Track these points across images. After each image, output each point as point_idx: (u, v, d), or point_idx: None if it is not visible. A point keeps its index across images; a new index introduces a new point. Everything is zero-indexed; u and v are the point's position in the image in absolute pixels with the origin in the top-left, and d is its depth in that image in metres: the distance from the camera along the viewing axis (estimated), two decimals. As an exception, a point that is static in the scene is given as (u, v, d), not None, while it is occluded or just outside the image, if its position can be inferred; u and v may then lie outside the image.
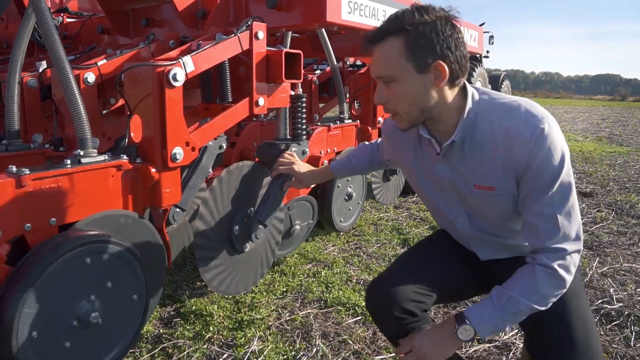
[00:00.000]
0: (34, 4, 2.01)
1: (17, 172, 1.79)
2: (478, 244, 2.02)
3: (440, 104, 1.71)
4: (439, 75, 1.65)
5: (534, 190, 1.66)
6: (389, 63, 1.67)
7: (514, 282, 1.72)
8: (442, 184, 1.90)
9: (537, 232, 1.68)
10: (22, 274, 1.74)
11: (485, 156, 1.73)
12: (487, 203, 1.82)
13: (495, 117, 1.69)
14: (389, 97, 1.72)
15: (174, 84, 2.07)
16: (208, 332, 2.82)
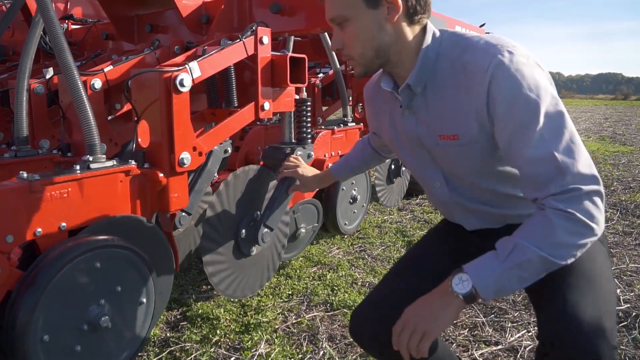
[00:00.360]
0: (43, 13, 2.03)
1: (28, 178, 1.81)
2: (460, 213, 1.79)
3: (397, 43, 1.55)
4: (392, 8, 1.49)
5: (514, 133, 1.38)
6: (338, 2, 1.54)
7: (522, 229, 1.41)
8: (410, 141, 1.71)
9: (537, 182, 1.37)
10: (34, 278, 1.76)
11: (445, 99, 1.54)
12: (454, 156, 1.60)
13: (455, 54, 1.50)
14: (344, 40, 1.58)
15: (181, 90, 2.09)
16: (215, 335, 2.84)
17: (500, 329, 2.92)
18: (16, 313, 1.73)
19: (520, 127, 1.35)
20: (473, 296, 1.37)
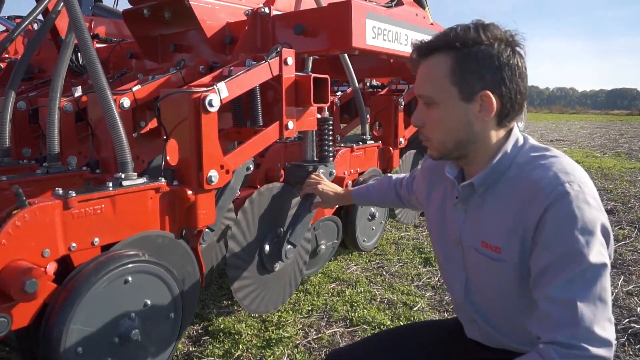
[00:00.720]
0: (78, 34, 2.12)
1: (64, 194, 1.88)
2: (466, 319, 1.72)
3: (479, 142, 1.47)
4: (485, 107, 1.42)
5: (549, 266, 1.30)
6: (431, 83, 1.46)
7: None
8: (451, 234, 1.64)
9: (548, 322, 1.28)
10: (69, 291, 1.82)
11: (501, 208, 1.45)
12: (486, 268, 1.51)
13: (527, 169, 1.41)
14: (426, 120, 1.51)
15: (210, 110, 2.16)
16: (237, 349, 2.89)
17: None
18: (52, 326, 1.79)
19: (556, 263, 1.28)
20: None
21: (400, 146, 4.33)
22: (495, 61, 1.39)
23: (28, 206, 1.78)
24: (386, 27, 3.00)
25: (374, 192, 2.38)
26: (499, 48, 1.39)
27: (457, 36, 1.40)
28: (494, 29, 1.41)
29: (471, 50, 1.39)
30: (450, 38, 1.41)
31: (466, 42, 1.39)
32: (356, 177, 3.81)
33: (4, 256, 1.72)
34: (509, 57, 1.40)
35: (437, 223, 1.72)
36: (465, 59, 1.39)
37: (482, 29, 1.40)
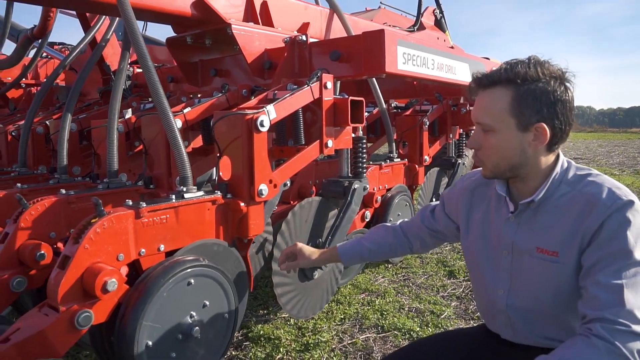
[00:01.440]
0: (143, 63, 2.36)
1: (135, 205, 2.12)
2: (502, 323, 1.89)
3: (530, 166, 1.69)
4: (539, 136, 1.62)
5: (602, 258, 1.53)
6: (491, 113, 1.66)
7: (563, 349, 1.53)
8: (501, 245, 1.83)
9: (596, 302, 1.50)
10: (141, 292, 2.05)
11: (557, 219, 1.67)
12: (542, 271, 1.70)
13: (579, 186, 1.64)
14: (482, 144, 1.71)
15: (261, 129, 2.39)
16: (278, 353, 3.09)
17: None
18: (127, 322, 2.02)
19: (608, 257, 1.51)
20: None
21: (425, 164, 4.55)
22: (550, 97, 1.59)
23: (106, 215, 2.02)
24: (415, 53, 3.24)
25: (371, 242, 2.32)
26: (554, 85, 1.60)
27: (518, 72, 1.61)
28: (549, 66, 1.62)
29: (530, 86, 1.60)
30: (512, 73, 1.62)
31: (525, 78, 1.60)
32: (384, 193, 4.03)
33: (87, 259, 1.96)
34: (562, 94, 1.61)
35: (480, 237, 1.92)
36: (525, 94, 1.60)
37: (539, 66, 1.61)
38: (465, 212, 1.99)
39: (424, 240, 2.24)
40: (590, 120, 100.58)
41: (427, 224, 2.21)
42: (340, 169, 3.21)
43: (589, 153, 18.18)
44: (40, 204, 2.42)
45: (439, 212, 2.18)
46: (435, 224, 2.18)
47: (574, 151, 19.24)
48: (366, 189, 3.16)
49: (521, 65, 1.63)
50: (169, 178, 2.81)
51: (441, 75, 3.64)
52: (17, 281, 2.31)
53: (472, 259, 1.99)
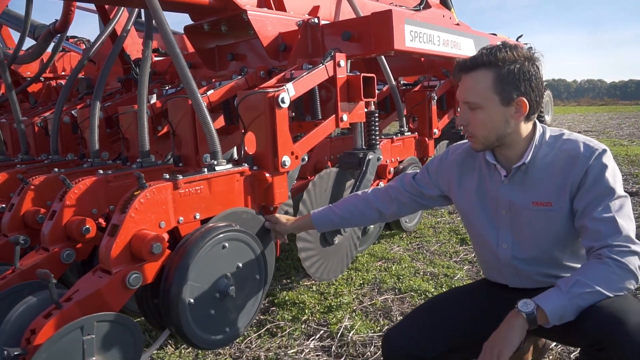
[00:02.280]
0: (170, 50, 2.57)
1: (173, 177, 2.34)
2: (509, 273, 2.13)
3: (514, 134, 1.96)
4: (519, 109, 1.91)
5: (592, 200, 1.84)
6: (477, 92, 1.92)
7: (581, 270, 1.84)
8: (499, 206, 2.09)
9: (599, 235, 1.82)
10: (182, 255, 2.28)
11: (546, 176, 1.96)
12: (540, 221, 1.99)
13: (557, 144, 1.97)
14: (470, 120, 1.97)
15: (282, 106, 2.61)
16: (304, 315, 3.33)
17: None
18: (170, 282, 2.25)
19: (597, 197, 1.84)
20: (535, 317, 1.75)
21: (435, 137, 4.75)
22: (527, 74, 1.89)
23: (147, 187, 2.25)
24: (421, 31, 3.44)
25: (342, 210, 2.53)
26: (528, 65, 1.90)
27: (497, 55, 1.89)
28: (521, 50, 1.93)
29: (509, 67, 1.88)
30: (492, 57, 1.89)
31: (505, 60, 1.88)
32: (396, 165, 4.23)
33: (134, 226, 2.19)
34: (535, 71, 1.91)
35: (477, 202, 2.17)
36: (505, 74, 1.88)
37: (514, 50, 1.90)
38: (457, 181, 2.26)
39: (402, 204, 2.46)
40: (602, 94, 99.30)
41: (408, 189, 2.43)
42: (355, 142, 3.43)
43: (599, 126, 18.23)
44: (82, 183, 2.64)
45: (421, 180, 2.42)
46: (419, 189, 2.41)
47: (584, 124, 19.29)
48: (380, 160, 3.38)
49: (499, 50, 1.91)
50: (196, 156, 3.02)
51: (447, 51, 3.84)
52: (67, 253, 2.53)
53: (472, 223, 2.24)
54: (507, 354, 1.74)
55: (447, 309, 2.24)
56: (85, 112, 3.74)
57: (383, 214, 2.50)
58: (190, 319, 2.29)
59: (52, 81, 6.49)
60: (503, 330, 1.79)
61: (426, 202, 2.45)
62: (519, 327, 1.77)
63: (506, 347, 1.75)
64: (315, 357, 2.86)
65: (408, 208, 2.51)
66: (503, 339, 1.77)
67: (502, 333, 1.79)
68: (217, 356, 2.91)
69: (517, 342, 1.76)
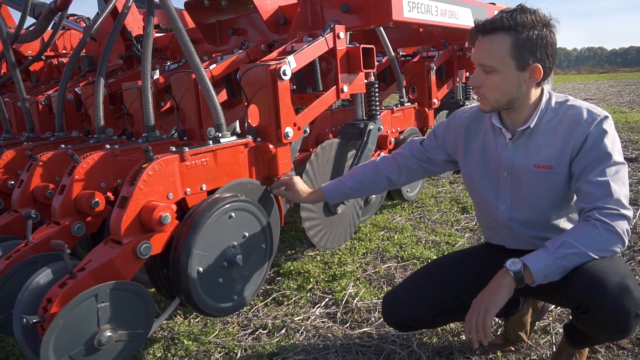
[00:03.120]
0: (174, 25, 2.61)
1: (179, 150, 2.40)
2: (507, 235, 2.22)
3: (523, 98, 2.01)
4: (533, 75, 1.94)
5: (589, 163, 1.89)
6: (494, 55, 1.93)
7: (569, 232, 1.90)
8: (500, 168, 2.14)
9: (591, 197, 1.87)
10: (190, 225, 2.34)
11: (548, 139, 2.01)
12: (540, 183, 2.05)
13: (561, 110, 2.02)
14: (484, 83, 1.99)
15: (284, 78, 2.66)
16: (309, 283, 3.42)
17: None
18: (179, 252, 2.32)
19: (594, 161, 1.90)
20: (522, 276, 1.84)
21: (434, 107, 4.80)
22: (544, 41, 1.90)
23: (155, 160, 2.31)
24: (419, 1, 3.46)
25: (353, 182, 2.59)
26: (545, 31, 1.91)
27: (516, 20, 1.89)
28: (539, 14, 1.92)
29: (528, 33, 1.89)
30: (512, 21, 1.89)
31: (524, 25, 1.89)
32: (397, 136, 4.29)
33: (143, 198, 2.25)
34: (551, 38, 1.93)
35: (480, 163, 2.24)
36: (524, 39, 1.89)
37: (533, 15, 1.90)
38: (463, 144, 2.31)
39: (410, 170, 2.52)
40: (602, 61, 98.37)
41: (416, 155, 2.49)
42: (356, 112, 3.48)
43: (599, 93, 18.19)
44: (90, 158, 2.69)
45: (429, 145, 2.47)
46: (427, 154, 2.47)
47: (584, 92, 19.25)
48: (380, 130, 3.44)
49: (519, 14, 1.90)
50: (200, 130, 3.08)
51: (444, 21, 3.86)
52: (77, 227, 2.60)
53: (473, 183, 2.31)
54: (494, 311, 1.84)
55: (442, 272, 2.34)
56: (89, 89, 3.79)
57: (392, 181, 2.55)
58: (199, 287, 2.37)
59: (53, 59, 6.51)
60: (491, 288, 1.88)
61: (434, 167, 2.51)
62: (507, 285, 1.85)
63: (493, 303, 1.84)
64: (321, 323, 2.95)
65: (416, 174, 2.57)
66: (491, 296, 1.86)
67: (490, 291, 1.88)
68: (225, 324, 2.99)
69: (504, 299, 1.85)
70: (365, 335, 2.76)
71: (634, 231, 3.95)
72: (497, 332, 2.65)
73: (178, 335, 2.86)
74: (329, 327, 2.89)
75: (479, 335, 1.85)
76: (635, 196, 4.92)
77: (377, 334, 2.76)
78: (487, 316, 1.83)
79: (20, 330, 2.02)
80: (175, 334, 2.88)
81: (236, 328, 2.94)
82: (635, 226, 4.05)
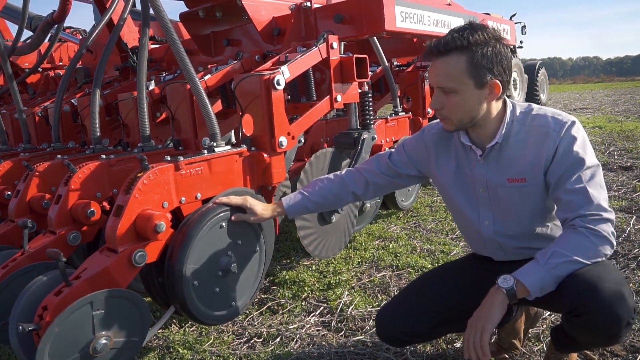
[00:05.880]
0: (169, 37, 2.64)
1: (174, 159, 2.42)
2: (493, 248, 2.22)
3: (486, 114, 2.00)
4: (492, 90, 1.93)
5: (564, 172, 1.90)
6: (451, 77, 1.92)
7: (557, 242, 1.90)
8: (476, 185, 2.14)
9: (571, 205, 1.87)
10: (184, 235, 2.36)
11: (519, 152, 2.00)
12: (516, 197, 2.05)
13: (527, 120, 2.01)
14: (445, 104, 1.98)
15: (278, 88, 2.69)
16: (304, 292, 3.44)
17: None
18: (174, 260, 2.33)
19: (569, 169, 1.90)
20: (514, 292, 1.84)
21: (428, 116, 4.83)
22: (498, 56, 1.91)
23: (150, 169, 2.33)
24: (411, 11, 3.51)
25: (314, 197, 2.46)
26: (498, 46, 1.92)
27: (469, 39, 1.88)
28: (489, 30, 1.92)
29: (482, 50, 1.89)
30: (464, 41, 1.88)
31: (477, 43, 1.88)
32: (391, 145, 4.32)
33: (138, 206, 2.27)
34: (505, 52, 1.93)
35: (455, 181, 2.23)
36: (479, 57, 1.89)
37: (484, 31, 1.90)
38: (435, 161, 2.29)
39: (378, 186, 2.48)
40: (598, 71, 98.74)
41: (384, 171, 2.44)
42: (350, 122, 3.51)
43: (595, 103, 18.29)
44: (86, 167, 2.72)
45: (398, 160, 2.43)
46: (396, 169, 2.42)
47: (579, 102, 19.37)
48: (374, 139, 3.47)
49: (470, 32, 1.89)
50: (195, 139, 3.10)
51: (437, 31, 3.91)
52: (73, 236, 2.62)
53: (452, 202, 2.32)
54: (490, 329, 1.85)
55: (434, 285, 2.35)
56: (85, 100, 3.81)
57: (358, 196, 2.51)
58: (193, 295, 2.39)
59: (50, 71, 6.54)
60: (485, 307, 1.89)
61: (403, 181, 2.50)
62: (500, 302, 1.86)
63: (488, 322, 1.85)
64: (316, 331, 2.96)
65: (384, 189, 2.57)
66: (485, 315, 1.87)
67: (484, 309, 1.89)
68: (220, 333, 3.01)
69: (498, 317, 1.86)
70: (359, 344, 2.78)
71: (628, 239, 3.97)
72: (491, 340, 2.66)
73: (173, 344, 2.87)
74: (323, 336, 2.90)
75: (477, 354, 1.85)
76: (630, 204, 4.95)
77: (372, 342, 2.78)
78: (484, 335, 1.84)
79: (16, 338, 2.03)
80: (170, 343, 2.89)
81: (231, 337, 2.96)
82: (630, 234, 4.08)
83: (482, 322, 1.86)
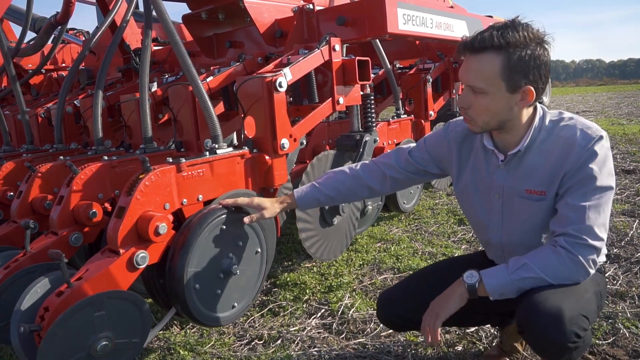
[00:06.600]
0: (171, 39, 2.65)
1: (176, 161, 2.43)
2: (496, 253, 2.21)
3: (515, 120, 1.89)
4: (525, 97, 1.82)
5: (573, 185, 1.81)
6: (483, 77, 1.80)
7: (533, 253, 1.87)
8: (492, 190, 2.06)
9: (564, 220, 1.81)
10: (185, 237, 2.36)
11: (541, 163, 1.90)
12: (532, 209, 1.96)
13: (555, 131, 1.89)
14: (473, 104, 1.87)
15: (280, 90, 2.70)
16: (305, 294, 3.43)
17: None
18: (175, 262, 2.34)
19: (578, 183, 1.82)
20: (475, 289, 1.87)
21: (431, 118, 4.84)
22: (537, 61, 1.78)
23: (152, 170, 2.34)
24: (414, 13, 3.52)
25: (326, 190, 2.41)
26: (539, 50, 1.78)
27: (508, 39, 1.75)
28: (532, 30, 1.78)
29: (520, 53, 1.76)
30: (503, 40, 1.76)
31: (516, 45, 1.76)
32: (394, 147, 4.31)
33: (139, 208, 2.28)
34: (545, 57, 1.80)
35: (472, 184, 2.16)
36: (515, 60, 1.76)
37: (525, 31, 1.77)
38: (457, 162, 2.21)
39: (397, 181, 2.40)
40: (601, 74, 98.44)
41: (404, 166, 2.36)
42: (352, 124, 3.52)
43: (598, 106, 18.26)
44: (88, 169, 2.72)
45: (419, 157, 2.34)
46: (417, 165, 2.34)
47: (582, 105, 19.33)
48: (376, 141, 3.47)
49: (510, 31, 1.77)
50: (197, 141, 3.11)
51: (439, 33, 3.91)
52: (75, 237, 2.63)
53: (466, 204, 2.27)
54: (444, 316, 1.90)
55: (437, 275, 2.33)
56: (88, 101, 3.82)
57: (374, 190, 2.43)
58: (195, 297, 2.39)
59: (53, 73, 6.55)
60: (445, 295, 1.95)
61: (423, 177, 2.43)
62: (459, 294, 1.91)
63: (444, 309, 1.91)
64: (317, 334, 2.96)
65: (402, 185, 2.49)
66: (443, 302, 1.93)
67: (444, 297, 1.95)
68: (221, 335, 3.01)
69: (455, 307, 1.91)
70: (360, 346, 2.78)
71: (631, 242, 3.97)
72: (493, 343, 2.66)
73: (174, 346, 2.87)
74: (324, 338, 2.90)
75: (430, 335, 1.92)
76: (633, 208, 4.94)
77: (373, 344, 2.78)
78: (437, 320, 1.90)
79: (17, 339, 2.04)
80: (171, 344, 2.89)
81: (232, 338, 2.95)
82: (632, 238, 4.07)
83: (439, 308, 1.92)
